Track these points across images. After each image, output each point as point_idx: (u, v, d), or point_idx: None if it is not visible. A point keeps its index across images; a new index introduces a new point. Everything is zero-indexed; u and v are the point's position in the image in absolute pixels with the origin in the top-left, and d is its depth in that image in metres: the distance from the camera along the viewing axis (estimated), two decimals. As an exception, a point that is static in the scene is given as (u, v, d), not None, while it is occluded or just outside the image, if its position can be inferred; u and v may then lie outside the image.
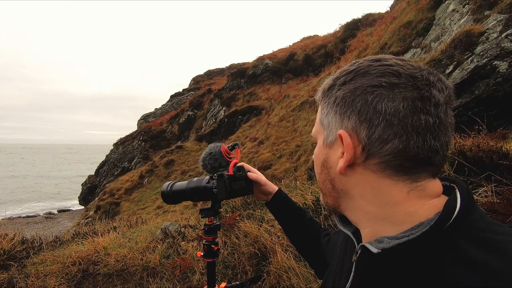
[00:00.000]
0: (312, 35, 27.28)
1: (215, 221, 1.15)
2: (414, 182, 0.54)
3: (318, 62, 19.80)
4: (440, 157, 0.51)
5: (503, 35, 5.85)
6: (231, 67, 33.53)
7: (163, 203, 13.14)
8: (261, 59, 25.48)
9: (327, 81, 0.62)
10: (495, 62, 5.65)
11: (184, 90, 35.04)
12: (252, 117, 19.67)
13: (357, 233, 0.63)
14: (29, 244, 2.59)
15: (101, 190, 21.72)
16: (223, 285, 1.17)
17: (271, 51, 27.43)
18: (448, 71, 6.18)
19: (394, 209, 0.53)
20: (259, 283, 1.64)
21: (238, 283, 1.21)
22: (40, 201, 29.79)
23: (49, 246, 2.66)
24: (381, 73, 0.53)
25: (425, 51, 8.67)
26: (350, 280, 0.59)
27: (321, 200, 0.66)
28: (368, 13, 18.06)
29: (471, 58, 5.95)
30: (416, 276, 0.47)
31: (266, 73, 23.38)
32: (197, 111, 26.75)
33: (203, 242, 1.12)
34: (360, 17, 18.25)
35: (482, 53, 5.84)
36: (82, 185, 26.22)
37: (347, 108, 0.55)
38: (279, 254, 1.81)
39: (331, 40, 19.02)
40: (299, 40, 27.60)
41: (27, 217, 22.25)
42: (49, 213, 23.83)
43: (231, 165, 1.01)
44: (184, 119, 26.51)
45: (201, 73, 37.97)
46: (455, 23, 7.88)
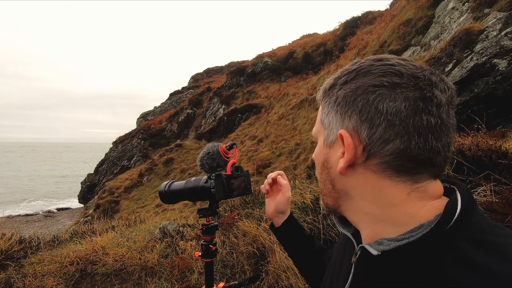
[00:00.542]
0: (311, 33, 27.23)
1: (213, 221, 1.14)
2: (415, 183, 0.53)
3: (317, 60, 19.76)
4: (441, 158, 0.50)
5: (503, 33, 5.84)
6: (231, 65, 33.45)
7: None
8: (260, 57, 25.43)
9: (328, 80, 0.61)
10: (495, 60, 5.64)
11: (183, 88, 34.97)
12: (251, 115, 19.66)
13: (356, 234, 0.63)
14: (27, 243, 2.58)
15: (100, 188, 21.72)
16: (221, 284, 1.17)
17: (271, 49, 27.37)
18: (447, 69, 6.17)
19: (394, 210, 0.53)
20: (258, 282, 1.64)
21: (236, 282, 1.21)
22: (39, 200, 29.79)
23: (47, 245, 2.66)
24: (382, 73, 0.53)
25: (424, 49, 8.66)
26: (349, 281, 0.58)
27: (321, 201, 0.66)
28: (367, 11, 18.01)
29: (471, 56, 5.94)
30: (416, 278, 0.47)
31: (265, 71, 23.34)
32: (196, 110, 26.71)
33: (201, 242, 1.12)
34: (359, 15, 18.20)
35: (481, 51, 5.83)
36: (81, 183, 26.22)
37: (348, 107, 0.54)
38: (277, 253, 1.81)
39: (330, 38, 18.98)
40: (299, 38, 27.53)
41: (27, 215, 22.23)
42: (49, 211, 23.82)
43: (229, 165, 1.01)
44: (183, 118, 26.48)
45: (201, 71, 37.89)
46: (455, 21, 7.86)
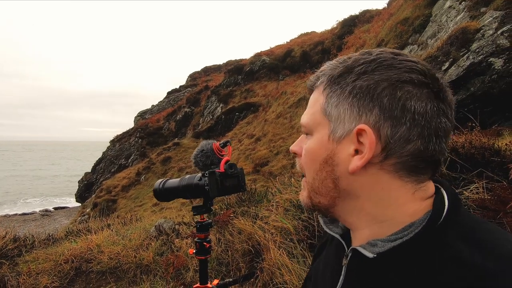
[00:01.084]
0: (309, 31, 27.19)
1: (207, 219, 1.14)
2: (420, 182, 0.53)
3: (315, 58, 19.75)
4: (443, 157, 0.53)
5: (499, 32, 5.87)
6: (228, 63, 33.33)
7: (160, 200, 13.10)
8: (258, 55, 25.37)
9: (331, 66, 0.57)
10: (491, 59, 5.67)
11: (181, 86, 34.84)
12: (249, 114, 19.64)
13: (345, 236, 0.61)
14: (21, 242, 2.56)
15: (97, 187, 21.62)
16: (216, 282, 1.18)
17: (269, 48, 27.30)
18: (444, 68, 6.19)
19: (398, 211, 0.52)
20: (252, 280, 1.64)
21: (231, 280, 1.22)
22: (36, 199, 29.65)
23: (42, 244, 2.64)
24: (409, 69, 0.50)
25: (421, 47, 8.68)
26: (339, 284, 0.57)
27: (306, 199, 0.60)
28: (365, 9, 18.03)
29: (467, 55, 5.96)
30: (410, 277, 0.47)
31: (263, 70, 23.30)
32: (194, 108, 26.63)
33: (195, 239, 1.12)
34: (357, 13, 18.21)
35: (477, 50, 5.85)
36: (78, 182, 26.09)
37: (369, 101, 0.50)
38: (272, 251, 1.81)
39: (328, 36, 18.98)
40: (297, 36, 27.48)
41: (24, 214, 22.11)
42: (46, 210, 23.71)
43: (222, 162, 1.01)
44: (181, 116, 26.41)
45: (199, 69, 37.74)
46: (452, 20, 7.89)
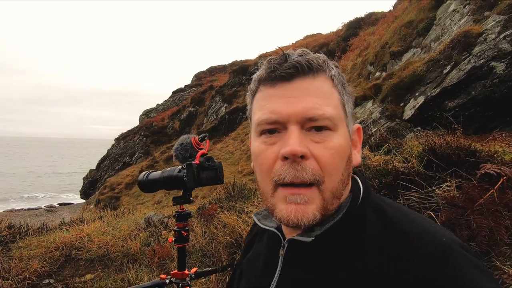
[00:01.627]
0: (315, 33, 27.15)
1: (186, 209, 1.21)
2: None
3: (320, 60, 19.69)
4: None
5: (501, 36, 5.83)
6: (234, 64, 33.45)
7: (162, 198, 13.24)
8: (263, 56, 25.44)
9: (321, 59, 0.57)
10: (492, 63, 5.64)
11: (186, 86, 35.04)
12: (252, 114, 19.69)
13: (279, 229, 0.64)
14: (16, 229, 2.68)
15: (102, 184, 21.87)
16: (194, 270, 1.23)
17: (274, 49, 27.38)
18: (445, 72, 6.18)
19: (346, 195, 0.58)
20: (230, 270, 1.70)
21: (209, 269, 1.27)
22: (42, 194, 30.14)
23: (36, 232, 2.76)
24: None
25: (425, 51, 8.65)
26: (277, 274, 0.58)
27: (316, 213, 0.51)
28: (371, 12, 17.97)
29: (469, 58, 5.94)
30: (340, 255, 0.52)
31: (268, 71, 23.33)
32: (198, 108, 26.78)
33: (175, 228, 1.18)
34: (363, 16, 18.16)
35: (479, 54, 5.83)
36: (83, 179, 26.41)
37: (352, 103, 0.61)
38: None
39: (333, 38, 18.95)
40: (302, 38, 27.46)
41: (29, 209, 22.47)
42: (51, 206, 24.07)
43: (198, 155, 1.07)
44: (185, 115, 26.57)
45: (204, 69, 37.92)
46: (455, 23, 7.85)
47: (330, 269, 0.52)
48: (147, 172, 1.29)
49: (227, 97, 23.72)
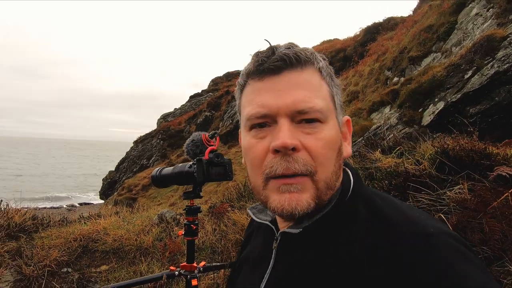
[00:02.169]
0: (332, 38, 27.00)
1: (196, 204, 1.25)
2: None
3: (336, 65, 19.55)
4: None
5: (527, 40, 5.60)
6: (250, 69, 33.60)
7: (177, 200, 13.45)
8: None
9: (308, 52, 0.56)
10: (517, 67, 5.42)
11: (203, 91, 35.66)
12: (268, 120, 19.69)
13: (273, 222, 0.65)
14: (39, 220, 2.88)
15: (120, 185, 22.51)
16: (203, 263, 1.27)
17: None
18: (466, 76, 5.98)
19: (338, 187, 0.59)
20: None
21: (218, 264, 1.30)
22: (64, 194, 31.46)
23: (56, 224, 2.94)
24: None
25: (445, 55, 8.42)
26: (270, 267, 0.59)
27: (310, 202, 0.52)
28: (390, 16, 17.70)
29: (492, 63, 5.73)
30: (330, 243, 0.53)
31: (284, 76, 23.33)
32: (214, 112, 27.14)
33: (184, 222, 1.23)
34: (381, 20, 17.92)
35: (503, 58, 5.62)
36: (103, 180, 27.28)
37: (341, 94, 0.61)
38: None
39: (350, 44, 18.77)
40: (319, 43, 27.37)
41: (52, 208, 23.43)
42: (72, 205, 25.05)
43: (207, 151, 1.11)
44: (201, 120, 26.99)
45: (220, 75, 38.50)
46: (478, 27, 7.61)
47: (317, 261, 0.52)
48: (160, 168, 1.35)
49: (243, 102, 23.89)
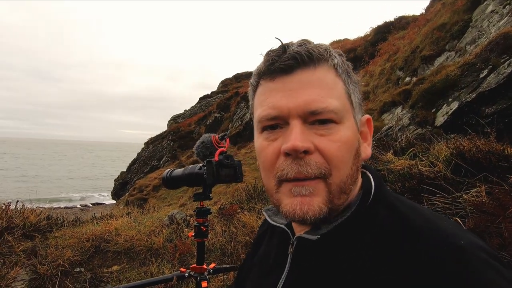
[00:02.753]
0: (341, 38, 26.76)
1: (206, 206, 1.25)
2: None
3: (346, 66, 19.32)
4: None
5: (546, 37, 5.41)
6: (259, 70, 33.61)
7: (187, 201, 13.56)
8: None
9: (322, 48, 0.54)
10: (536, 66, 5.24)
11: (212, 92, 35.89)
12: (277, 121, 19.64)
13: (289, 225, 0.63)
14: (53, 220, 2.96)
15: (131, 186, 22.86)
16: (213, 265, 1.27)
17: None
18: (482, 76, 5.82)
19: (356, 191, 0.56)
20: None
21: (228, 266, 1.30)
22: (77, 194, 32.27)
23: (70, 224, 3.02)
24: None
25: (459, 54, 8.21)
26: (285, 272, 0.57)
27: (322, 207, 0.50)
28: (401, 15, 17.42)
29: (509, 61, 5.55)
30: (349, 253, 0.50)
31: (293, 77, 23.25)
32: (224, 113, 27.28)
33: (194, 223, 1.23)
34: (392, 20, 17.65)
35: (521, 57, 5.43)
36: (115, 180, 27.78)
37: (359, 92, 0.58)
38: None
39: (360, 43, 18.55)
40: (328, 44, 27.16)
41: (66, 207, 24.03)
42: (85, 205, 25.65)
43: (217, 152, 1.11)
44: (211, 121, 27.16)
45: (230, 76, 38.71)
46: (494, 25, 7.40)
47: (335, 268, 0.50)
48: (170, 169, 1.35)
49: (252, 103, 23.91)
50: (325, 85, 0.51)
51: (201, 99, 35.82)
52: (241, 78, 36.67)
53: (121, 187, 25.68)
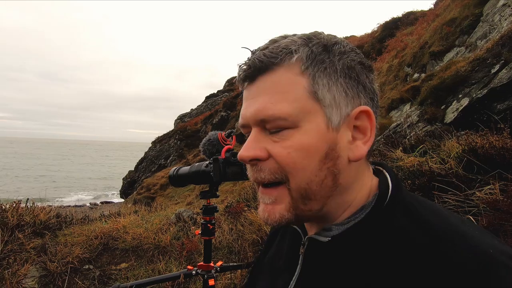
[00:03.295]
0: (348, 35, 26.50)
1: (213, 203, 1.24)
2: (370, 165, 0.58)
3: (353, 63, 19.12)
4: None
5: (561, 30, 5.25)
6: (265, 69, 33.54)
7: (194, 200, 13.64)
8: (294, 60, 25.27)
9: (297, 42, 0.49)
10: (550, 60, 5.09)
11: (218, 91, 35.98)
12: (283, 119, 19.59)
13: (301, 225, 0.61)
14: (62, 218, 3.02)
15: (139, 185, 23.12)
16: (220, 263, 1.26)
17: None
18: (493, 71, 5.67)
19: (362, 194, 0.53)
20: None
21: (235, 264, 1.29)
22: (86, 192, 32.87)
23: (79, 222, 3.08)
24: (357, 53, 0.53)
25: (470, 49, 8.04)
26: (296, 273, 0.56)
27: (285, 214, 0.50)
28: (409, 11, 17.14)
29: (522, 56, 5.41)
30: (363, 258, 0.48)
31: (299, 75, 23.14)
32: (230, 112, 27.32)
33: (201, 221, 1.22)
34: (400, 15, 17.38)
35: (534, 51, 5.28)
36: (123, 179, 28.14)
37: (356, 82, 0.50)
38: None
39: (367, 40, 18.32)
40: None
41: (75, 206, 24.45)
42: (94, 204, 26.07)
43: (224, 150, 1.10)
44: (217, 120, 27.24)
45: (235, 75, 38.67)
46: (506, 19, 7.21)
47: (350, 273, 0.48)
48: (177, 167, 1.35)
49: (258, 102, 23.88)
50: (278, 89, 0.48)
51: (207, 98, 35.93)
52: (247, 76, 36.57)
53: (129, 186, 25.98)
